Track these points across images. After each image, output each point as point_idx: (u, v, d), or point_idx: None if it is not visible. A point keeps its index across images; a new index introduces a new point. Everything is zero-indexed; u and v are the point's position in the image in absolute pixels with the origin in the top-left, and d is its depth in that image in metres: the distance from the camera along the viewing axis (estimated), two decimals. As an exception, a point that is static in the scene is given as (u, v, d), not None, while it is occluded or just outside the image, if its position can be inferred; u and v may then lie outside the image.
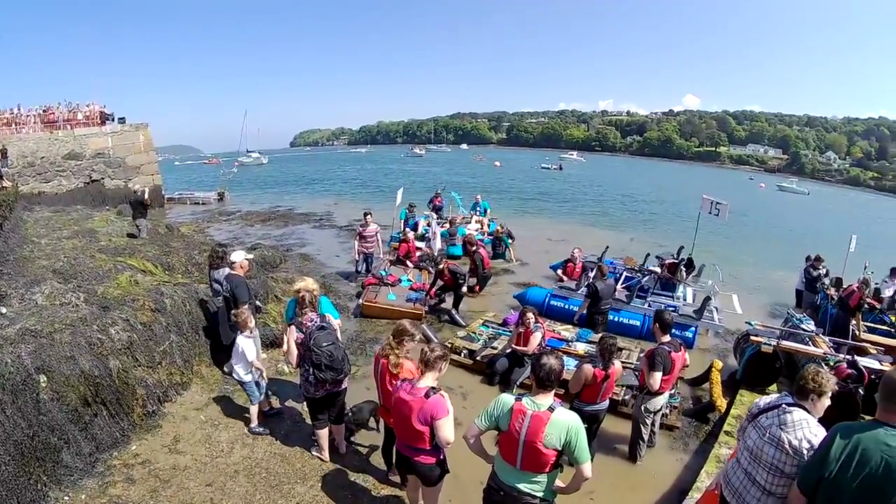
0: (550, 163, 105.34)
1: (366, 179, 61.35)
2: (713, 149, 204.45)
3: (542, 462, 4.45)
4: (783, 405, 4.45)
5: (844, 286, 15.05)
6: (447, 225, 21.52)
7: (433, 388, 5.23)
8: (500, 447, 4.68)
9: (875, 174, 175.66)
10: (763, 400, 4.80)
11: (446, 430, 5.12)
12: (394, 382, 5.86)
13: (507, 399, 4.61)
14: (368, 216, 16.45)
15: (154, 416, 8.11)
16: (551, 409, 4.44)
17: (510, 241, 21.17)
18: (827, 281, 16.75)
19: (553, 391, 4.60)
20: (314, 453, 7.69)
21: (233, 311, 8.56)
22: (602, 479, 7.14)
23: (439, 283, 13.96)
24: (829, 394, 4.40)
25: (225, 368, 9.45)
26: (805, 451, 4.16)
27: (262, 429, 8.19)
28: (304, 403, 8.23)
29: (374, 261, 16.68)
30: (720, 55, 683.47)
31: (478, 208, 25.84)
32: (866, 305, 14.38)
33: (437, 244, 17.96)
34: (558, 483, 4.75)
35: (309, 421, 7.94)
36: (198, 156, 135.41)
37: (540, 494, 4.58)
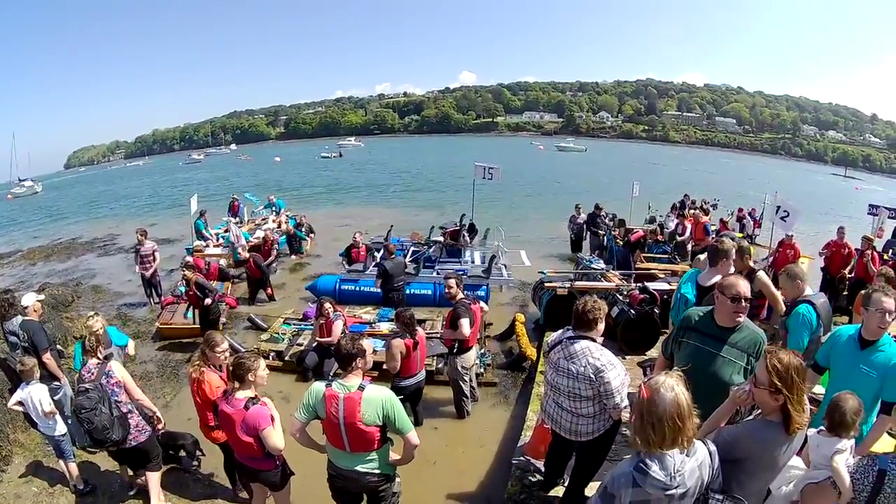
0: (330, 151, 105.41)
1: (147, 194, 57.02)
2: (490, 119, 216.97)
3: (369, 440, 4.56)
4: (565, 340, 4.92)
5: (630, 227, 16.41)
6: (245, 228, 20.78)
7: (252, 398, 5.03)
8: (326, 434, 4.70)
9: (645, 127, 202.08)
10: (549, 337, 5.33)
11: (272, 438, 4.94)
12: (206, 397, 5.79)
13: (319, 387, 4.63)
14: (141, 235, 14.91)
15: (-16, 502, 7.08)
16: (361, 388, 4.53)
17: (308, 235, 20.87)
18: (610, 223, 18.47)
19: (360, 371, 4.67)
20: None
21: (18, 360, 7.32)
22: (438, 445, 7.86)
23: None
24: (603, 318, 4.87)
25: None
26: (591, 375, 4.62)
27: (87, 487, 7.09)
28: None
29: (158, 280, 15.23)
30: (494, 33, 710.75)
31: (273, 207, 24.97)
32: (650, 240, 15.93)
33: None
34: (393, 456, 4.85)
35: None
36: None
37: (378, 471, 4.72)
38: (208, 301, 11.09)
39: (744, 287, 4.27)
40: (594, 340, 4.81)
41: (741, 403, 3.59)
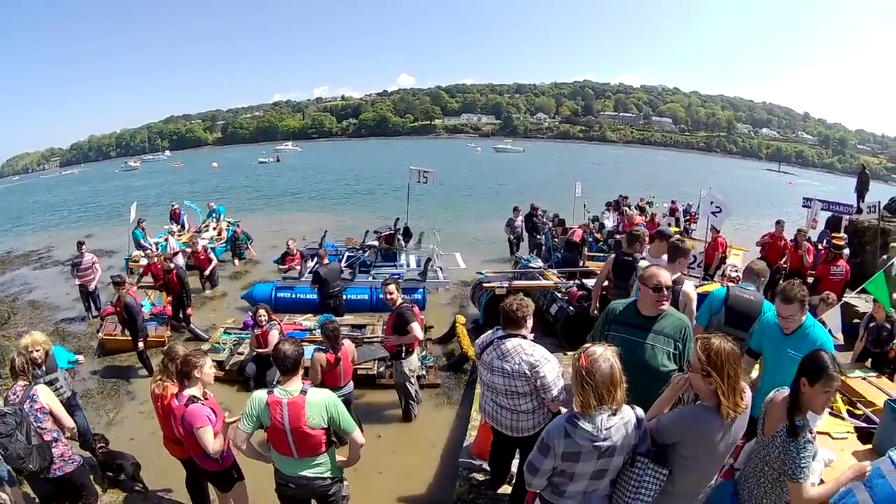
0: (268, 156, 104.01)
1: (84, 203, 54.90)
2: (428, 122, 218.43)
3: (315, 444, 4.59)
4: (496, 340, 5.05)
5: (569, 227, 16.73)
6: (184, 238, 20.36)
7: (195, 396, 5.11)
8: (272, 443, 4.70)
9: (583, 127, 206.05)
10: (479, 339, 5.35)
11: (205, 439, 4.95)
12: (169, 410, 5.64)
13: (261, 395, 4.61)
14: (83, 246, 14.68)
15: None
16: (304, 391, 4.57)
17: (249, 240, 20.73)
18: (550, 224, 18.40)
19: (299, 375, 4.71)
20: None
21: None
22: (384, 452, 7.91)
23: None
24: (531, 315, 5.06)
25: None
26: (527, 371, 4.75)
27: None
28: None
29: (98, 293, 14.88)
30: (433, 35, 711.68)
31: (213, 215, 24.52)
32: (591, 238, 16.21)
33: (180, 260, 16.59)
34: (339, 458, 4.89)
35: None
36: None
37: (327, 475, 4.76)
38: (140, 345, 10.61)
39: (664, 277, 4.48)
40: (525, 337, 4.96)
41: (681, 390, 3.69)
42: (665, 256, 7.19)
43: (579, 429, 3.24)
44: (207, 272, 16.31)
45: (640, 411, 3.46)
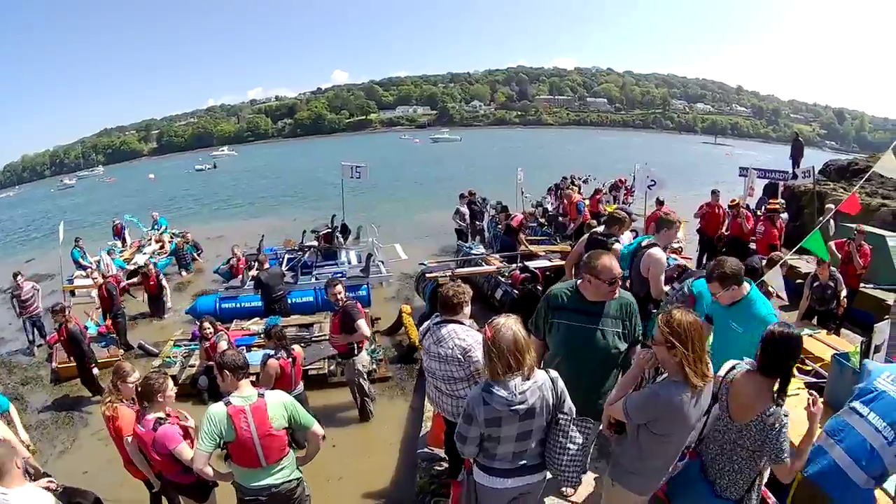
0: (204, 163, 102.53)
1: (21, 227, 53.02)
2: (364, 117, 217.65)
3: (281, 445, 4.61)
4: (433, 326, 5.14)
5: (511, 213, 16.69)
6: (124, 255, 19.87)
7: (161, 418, 5.07)
8: (235, 457, 4.62)
9: (518, 113, 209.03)
10: (422, 326, 5.48)
11: (185, 456, 4.88)
12: (123, 434, 5.57)
13: (219, 409, 4.48)
14: (19, 277, 14.14)
15: None
16: (261, 395, 4.57)
17: (196, 251, 20.65)
18: (493, 212, 18.50)
19: (249, 378, 4.72)
20: None
21: None
22: (343, 454, 7.84)
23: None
24: (469, 301, 5.13)
25: None
26: (460, 356, 4.82)
27: None
28: None
29: (42, 321, 14.21)
30: (366, 29, 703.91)
31: (156, 226, 24.06)
32: (534, 223, 16.67)
33: (120, 277, 16.22)
34: (299, 454, 4.96)
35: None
36: None
37: (293, 476, 4.77)
38: (96, 371, 10.33)
39: (617, 269, 4.50)
40: (462, 323, 5.00)
41: (645, 365, 3.83)
42: (628, 234, 7.75)
43: (495, 395, 3.44)
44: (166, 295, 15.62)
45: (553, 373, 3.70)
